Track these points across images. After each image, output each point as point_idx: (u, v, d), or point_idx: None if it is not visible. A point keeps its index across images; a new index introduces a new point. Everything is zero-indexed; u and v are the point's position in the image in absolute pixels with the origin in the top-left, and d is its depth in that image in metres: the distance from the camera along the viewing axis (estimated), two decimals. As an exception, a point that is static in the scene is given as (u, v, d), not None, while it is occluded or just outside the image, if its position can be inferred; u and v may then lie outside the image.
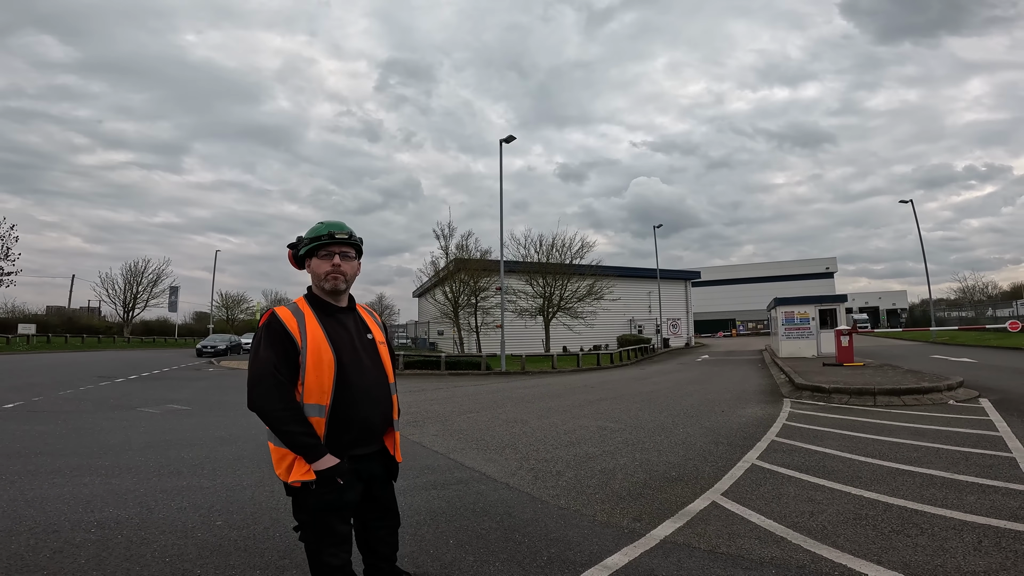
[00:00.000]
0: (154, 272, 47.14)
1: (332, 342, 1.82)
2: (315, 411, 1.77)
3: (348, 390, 1.81)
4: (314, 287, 1.95)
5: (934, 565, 2.61)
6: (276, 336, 1.76)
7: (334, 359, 1.79)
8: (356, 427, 1.84)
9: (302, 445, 1.72)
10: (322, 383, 1.77)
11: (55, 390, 10.97)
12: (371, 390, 1.88)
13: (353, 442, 1.84)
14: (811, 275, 66.59)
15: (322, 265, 1.90)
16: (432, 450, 5.71)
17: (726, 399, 9.42)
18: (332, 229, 1.92)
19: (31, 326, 36.17)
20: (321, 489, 1.74)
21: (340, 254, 1.92)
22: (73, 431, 6.73)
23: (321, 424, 1.77)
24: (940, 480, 4.06)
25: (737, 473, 4.49)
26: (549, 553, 2.92)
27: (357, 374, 1.84)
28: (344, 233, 1.93)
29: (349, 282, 1.96)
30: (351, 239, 1.96)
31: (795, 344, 19.13)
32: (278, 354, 1.74)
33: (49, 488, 4.20)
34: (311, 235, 1.93)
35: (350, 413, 1.81)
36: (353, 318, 1.98)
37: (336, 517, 1.82)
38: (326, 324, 1.85)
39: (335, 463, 1.75)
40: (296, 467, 1.75)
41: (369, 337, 1.97)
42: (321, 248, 1.91)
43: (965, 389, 8.77)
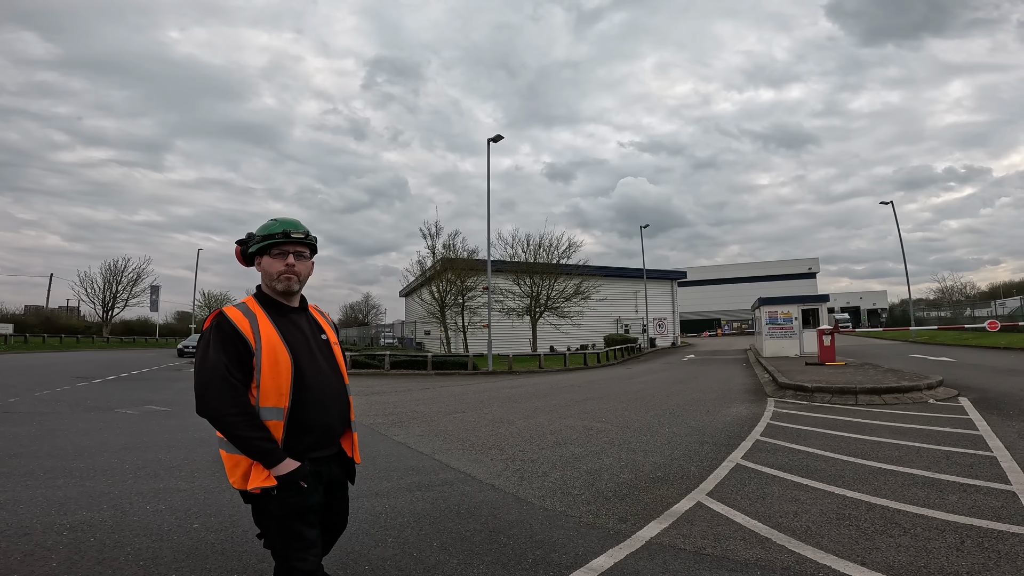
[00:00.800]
0: (134, 271, 46.33)
1: (287, 343, 1.76)
2: (273, 414, 1.70)
3: (306, 392, 1.75)
4: (264, 287, 1.87)
5: (917, 566, 2.63)
6: (227, 337, 1.69)
7: (291, 361, 1.73)
8: (315, 430, 1.78)
9: (259, 450, 1.64)
10: (279, 386, 1.70)
11: (31, 391, 10.68)
12: (328, 392, 1.83)
13: (313, 445, 1.79)
14: (794, 275, 67.62)
15: (275, 264, 1.83)
16: (417, 451, 5.65)
17: (711, 398, 9.48)
18: (287, 227, 1.84)
19: (8, 326, 35.24)
20: (284, 494, 1.68)
21: (294, 253, 1.84)
22: (48, 433, 6.54)
23: (279, 428, 1.70)
24: (922, 479, 4.10)
25: (722, 473, 4.50)
26: (534, 555, 2.89)
27: (314, 376, 1.79)
28: (300, 232, 1.86)
29: (302, 282, 1.90)
30: (307, 238, 1.88)
31: (779, 343, 19.37)
32: (229, 356, 1.67)
33: (22, 490, 4.09)
34: (264, 232, 1.85)
35: (309, 416, 1.76)
36: (306, 318, 1.92)
37: (303, 522, 1.76)
38: (280, 325, 1.79)
39: (296, 466, 1.69)
40: (254, 473, 1.68)
41: (323, 338, 1.92)
42: (274, 247, 1.83)
43: (945, 388, 8.93)
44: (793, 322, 19.45)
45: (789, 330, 19.41)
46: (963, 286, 49.88)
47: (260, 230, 1.88)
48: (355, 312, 73.53)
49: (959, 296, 47.52)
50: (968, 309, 37.61)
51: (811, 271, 69.94)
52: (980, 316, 32.83)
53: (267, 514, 1.74)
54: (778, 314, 19.76)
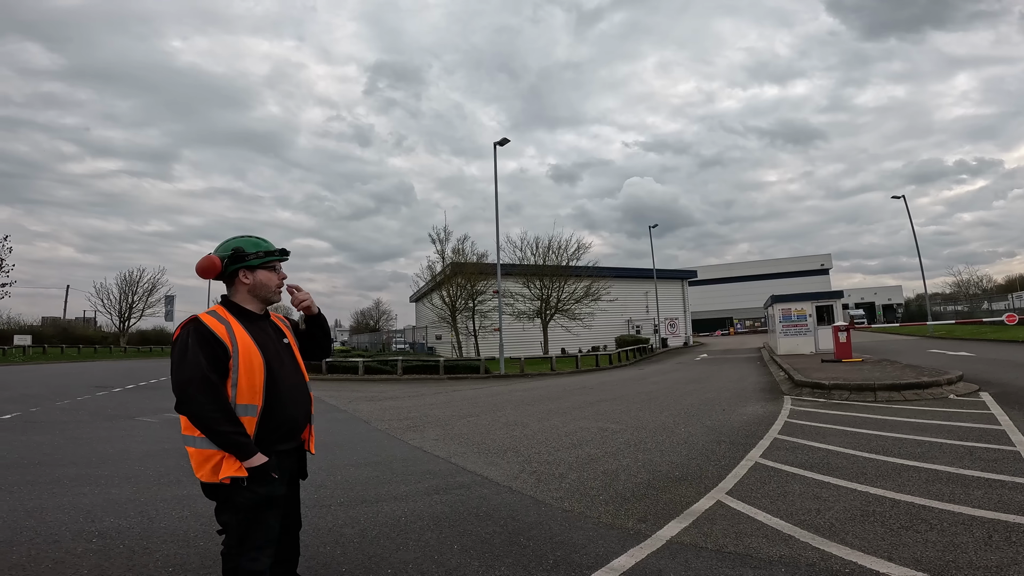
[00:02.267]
0: (149, 281, 47.05)
1: (259, 346, 1.94)
2: (248, 411, 1.86)
3: (277, 391, 1.93)
4: (247, 297, 2.06)
5: (945, 560, 2.59)
6: (204, 340, 1.84)
7: (263, 362, 1.92)
8: (283, 425, 1.96)
9: (235, 444, 1.79)
10: (254, 385, 1.88)
11: (52, 401, 10.88)
12: (295, 390, 2.03)
13: (280, 439, 1.95)
14: (806, 272, 66.90)
15: (272, 278, 2.08)
16: (433, 455, 5.67)
17: (726, 398, 9.41)
18: (273, 246, 2.12)
19: (26, 337, 35.91)
20: (253, 484, 1.82)
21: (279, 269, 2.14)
22: (71, 441, 6.66)
23: (252, 423, 1.86)
24: (946, 475, 4.04)
25: (741, 472, 4.47)
26: (554, 556, 2.89)
27: (283, 376, 1.98)
28: (280, 249, 2.14)
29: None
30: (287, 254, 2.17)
31: (793, 341, 19.16)
32: (207, 357, 1.82)
33: (48, 498, 4.16)
34: (264, 249, 2.07)
35: (279, 412, 1.93)
36: (270, 324, 2.11)
37: (270, 513, 1.90)
38: (251, 330, 1.97)
39: (265, 460, 1.84)
40: (225, 465, 1.81)
41: (285, 341, 2.11)
42: (274, 262, 2.10)
43: (965, 383, 8.78)
44: (807, 319, 19.25)
45: (803, 327, 19.21)
46: (979, 279, 49.09)
47: (254, 247, 2.06)
48: (366, 318, 74.00)
49: (975, 289, 46.71)
50: (985, 302, 36.96)
51: (823, 267, 69.15)
52: (998, 309, 32.23)
53: (234, 506, 1.85)
54: (792, 311, 19.56)
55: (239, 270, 2.03)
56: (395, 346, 41.76)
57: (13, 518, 3.67)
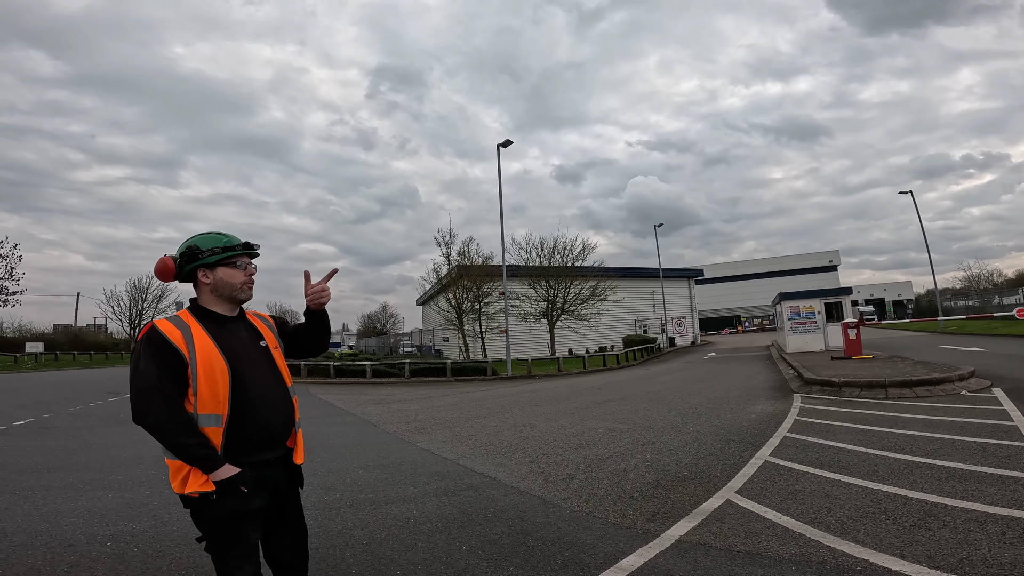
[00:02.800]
0: (159, 288, 47.40)
1: (224, 351, 1.78)
2: (211, 421, 1.73)
3: (246, 398, 1.78)
4: (212, 298, 1.90)
5: (959, 558, 2.57)
6: (157, 348, 1.71)
7: (227, 368, 1.76)
8: (257, 435, 1.80)
9: (196, 456, 1.67)
10: (216, 393, 1.74)
11: (65, 406, 11.01)
12: (269, 396, 1.86)
13: (254, 449, 1.80)
14: (814, 269, 66.32)
15: (236, 275, 1.90)
16: (441, 456, 5.69)
17: (735, 396, 9.35)
18: (235, 241, 1.93)
19: (38, 344, 36.32)
20: (223, 499, 1.70)
21: (249, 265, 1.95)
22: (84, 446, 6.74)
23: (218, 434, 1.73)
24: (958, 472, 4.00)
25: (750, 470, 4.44)
26: (563, 556, 2.89)
27: (254, 382, 1.82)
28: (243, 242, 1.95)
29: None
30: (255, 249, 1.98)
31: (802, 339, 19.01)
32: (160, 366, 1.69)
33: (63, 503, 4.21)
34: (222, 244, 1.91)
35: (249, 421, 1.78)
36: (244, 326, 1.95)
37: (244, 526, 1.77)
38: (216, 334, 1.82)
39: (235, 472, 1.71)
40: (192, 478, 1.70)
41: (263, 344, 1.94)
42: (235, 258, 1.91)
43: (977, 379, 8.68)
44: (816, 316, 19.09)
45: (812, 325, 19.05)
46: (989, 274, 48.30)
47: (210, 243, 1.90)
48: (373, 322, 74.22)
49: (986, 284, 46.05)
50: (996, 297, 36.44)
51: (832, 264, 68.54)
52: (1009, 304, 31.77)
53: (206, 519, 1.76)
54: (800, 309, 19.41)
55: (197, 270, 1.88)
56: (402, 349, 41.87)
57: (29, 522, 3.73)
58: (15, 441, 7.21)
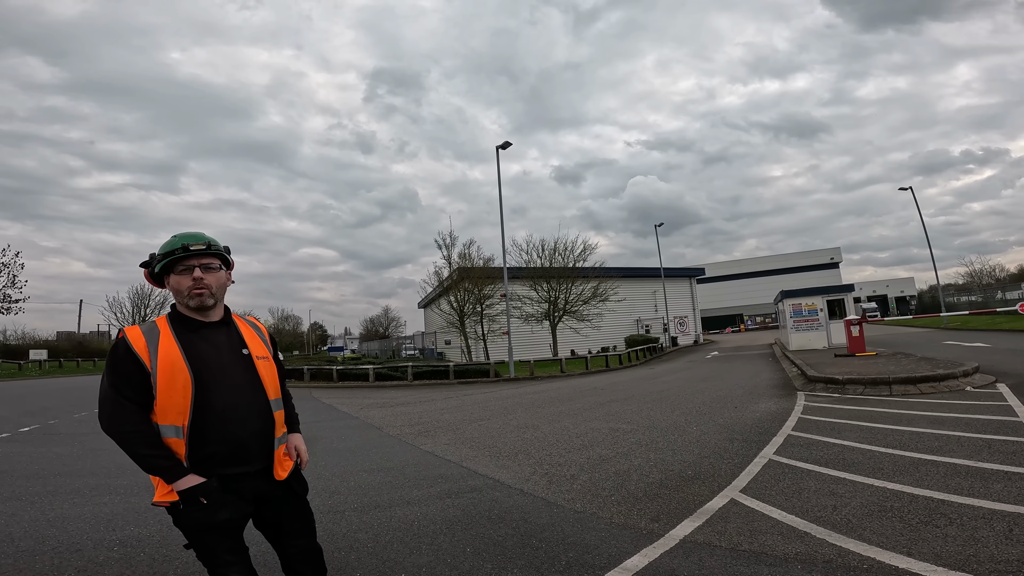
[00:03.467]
0: (161, 295, 47.50)
1: (190, 360, 1.71)
2: (172, 432, 1.68)
3: (209, 409, 1.70)
4: (179, 305, 1.83)
5: (966, 555, 2.55)
6: (119, 359, 1.69)
7: (191, 378, 1.69)
8: (223, 446, 1.73)
9: (156, 467, 1.65)
10: (177, 403, 1.67)
11: (70, 413, 11.04)
12: (238, 408, 1.76)
13: (223, 462, 1.73)
14: (816, 266, 66.17)
15: (182, 281, 1.78)
16: (445, 459, 5.68)
17: (738, 395, 9.33)
18: (186, 240, 1.80)
19: (42, 352, 36.44)
20: (188, 508, 1.67)
21: (201, 266, 1.79)
22: (90, 452, 6.75)
23: (180, 445, 1.68)
24: (964, 469, 3.98)
25: (755, 469, 4.43)
26: (567, 557, 2.88)
27: (221, 392, 1.73)
28: (201, 243, 1.81)
29: (217, 295, 1.84)
30: (210, 249, 1.83)
31: (805, 336, 18.95)
32: (121, 377, 1.67)
33: (70, 508, 4.22)
34: (164, 250, 1.80)
35: (214, 432, 1.71)
36: (226, 332, 1.85)
37: (214, 537, 1.73)
38: (186, 341, 1.74)
39: (198, 482, 1.67)
40: (159, 488, 1.70)
41: (244, 352, 1.84)
42: (178, 263, 1.78)
43: (981, 375, 8.64)
44: (819, 314, 19.04)
45: (815, 322, 19.00)
46: (992, 269, 48.19)
47: (161, 248, 1.83)
48: (375, 325, 74.35)
49: (989, 279, 45.90)
50: (999, 292, 36.36)
51: (833, 261, 68.34)
52: (1012, 299, 31.71)
53: (180, 528, 1.75)
54: (802, 306, 19.37)
55: (164, 276, 1.81)
56: (405, 352, 41.91)
57: (36, 528, 3.74)
58: (21, 447, 7.23)
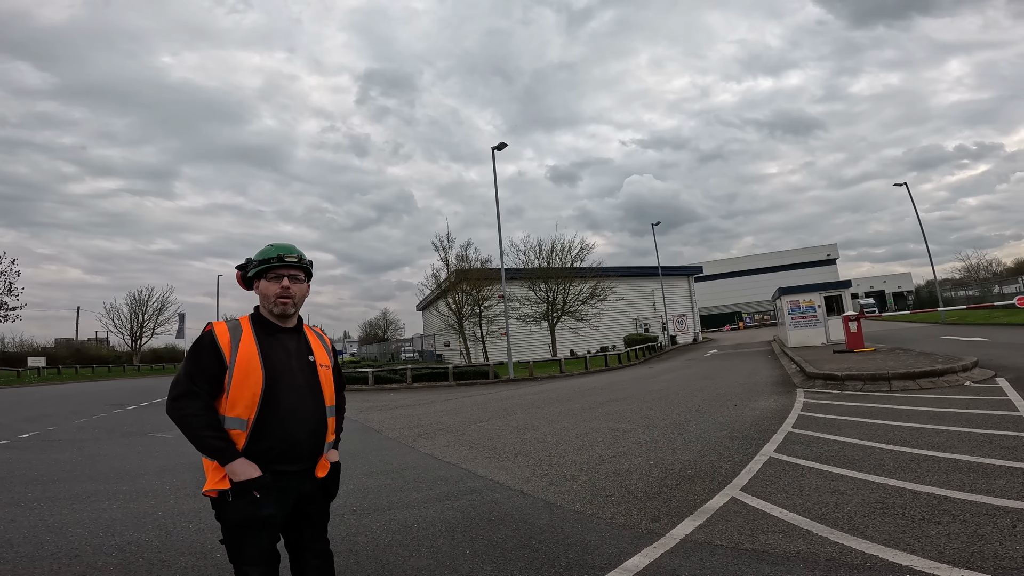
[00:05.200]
0: (158, 300, 47.37)
1: (265, 359, 1.83)
2: (237, 424, 1.79)
3: (275, 407, 1.81)
4: (262, 308, 1.97)
5: (970, 552, 2.54)
6: (203, 348, 1.82)
7: (263, 376, 1.81)
8: (279, 445, 1.82)
9: (213, 448, 1.74)
10: (247, 398, 1.79)
11: (69, 419, 10.98)
12: (299, 410, 1.86)
13: (278, 458, 1.82)
14: (813, 263, 66.27)
15: (271, 287, 1.92)
16: (444, 461, 5.66)
17: (738, 393, 9.32)
18: (282, 252, 1.95)
19: (40, 359, 36.32)
20: (238, 501, 1.75)
21: (289, 276, 1.93)
22: (88, 458, 6.72)
23: (242, 437, 1.79)
24: (966, 464, 3.97)
25: (755, 467, 4.41)
26: (567, 559, 2.86)
27: (287, 393, 1.84)
28: (294, 256, 1.95)
29: (298, 304, 1.98)
30: (300, 262, 1.97)
31: (803, 333, 18.96)
32: (199, 366, 1.80)
33: (69, 514, 4.20)
34: (260, 257, 1.96)
35: (274, 430, 1.81)
36: (297, 339, 1.98)
37: (256, 531, 1.79)
38: (264, 343, 1.87)
39: (254, 473, 1.75)
40: (211, 477, 1.79)
41: (310, 359, 1.96)
42: (270, 271, 1.93)
43: (980, 369, 8.65)
44: (816, 310, 19.06)
45: (813, 319, 19.02)
46: (988, 263, 48.22)
47: (257, 255, 1.98)
48: (374, 329, 74.18)
49: (985, 273, 45.97)
50: (996, 286, 36.40)
51: (830, 257, 68.48)
52: (1009, 293, 31.73)
53: (222, 519, 1.82)
54: (800, 303, 19.38)
55: (254, 280, 1.97)
56: (404, 355, 41.84)
57: (35, 534, 3.72)
58: (20, 454, 7.19)
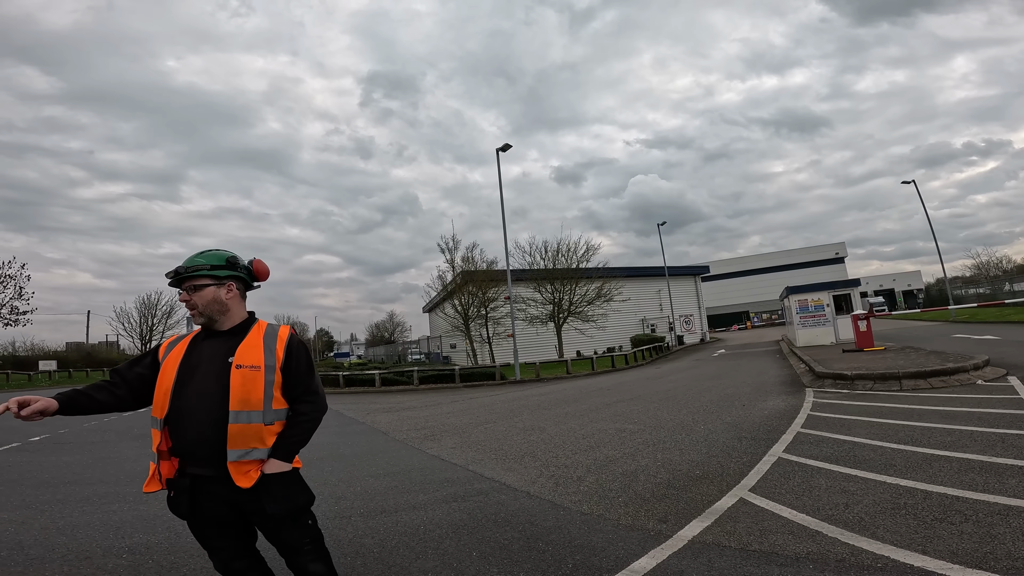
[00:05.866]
0: (167, 304, 47.82)
1: (184, 362, 1.92)
2: (155, 423, 1.90)
3: (177, 409, 1.87)
4: None
5: (983, 552, 2.50)
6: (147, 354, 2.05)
7: (173, 381, 1.89)
8: (180, 445, 1.88)
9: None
10: (159, 399, 1.90)
11: (79, 422, 11.07)
12: (196, 412, 1.86)
13: (185, 459, 1.90)
14: (821, 261, 65.77)
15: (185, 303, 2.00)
16: (451, 463, 5.65)
17: (746, 393, 9.25)
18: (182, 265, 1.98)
19: (51, 363, 36.72)
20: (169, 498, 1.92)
21: (187, 288, 1.96)
22: (99, 460, 6.77)
23: (158, 435, 1.89)
24: (978, 464, 3.91)
25: (764, 468, 4.37)
26: (574, 560, 2.85)
27: (188, 397, 1.87)
28: (172, 271, 1.98)
29: (205, 311, 1.97)
30: (178, 275, 1.96)
31: (812, 332, 18.81)
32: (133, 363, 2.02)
33: (79, 515, 4.23)
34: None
35: (176, 430, 1.87)
36: (225, 341, 1.97)
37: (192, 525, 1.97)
38: (194, 347, 1.97)
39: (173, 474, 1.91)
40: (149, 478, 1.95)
41: (228, 360, 1.90)
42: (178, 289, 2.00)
43: (992, 368, 8.54)
44: (825, 309, 18.90)
45: (822, 318, 18.86)
46: (999, 260, 47.64)
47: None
48: (381, 331, 74.47)
49: (996, 271, 45.40)
50: (1007, 284, 35.91)
51: (838, 256, 67.92)
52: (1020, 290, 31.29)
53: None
54: (808, 302, 19.23)
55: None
56: (411, 357, 41.96)
57: (46, 536, 3.75)
58: (31, 456, 7.26)
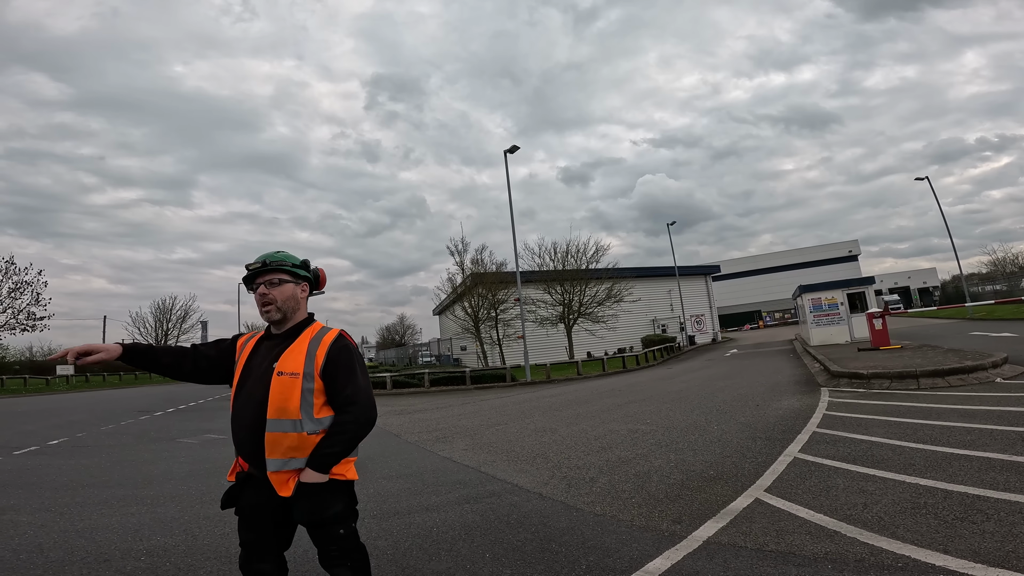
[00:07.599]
0: (182, 308, 48.53)
1: (246, 365, 1.96)
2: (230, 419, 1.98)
3: (234, 412, 1.94)
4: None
5: (1005, 551, 2.45)
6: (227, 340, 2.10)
7: (237, 381, 1.95)
8: (236, 447, 1.94)
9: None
10: (231, 399, 1.97)
11: (97, 426, 11.26)
12: (241, 417, 1.89)
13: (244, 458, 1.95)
14: (834, 259, 64.90)
15: (256, 298, 1.97)
16: (463, 464, 5.66)
17: (760, 392, 9.16)
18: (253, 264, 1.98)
19: (69, 367, 37.31)
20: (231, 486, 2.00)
21: (265, 283, 1.93)
22: (117, 464, 6.86)
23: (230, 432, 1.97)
24: (999, 463, 3.83)
25: (779, 468, 4.33)
26: (588, 561, 2.84)
27: (241, 400, 1.91)
28: (257, 263, 1.95)
29: (282, 308, 1.94)
30: (265, 266, 1.94)
31: (826, 331, 18.57)
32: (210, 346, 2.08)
33: (98, 519, 4.28)
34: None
35: (233, 433, 1.94)
36: (278, 343, 1.94)
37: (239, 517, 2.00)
38: (257, 349, 1.99)
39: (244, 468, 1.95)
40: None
41: (273, 366, 1.86)
42: (249, 285, 1.99)
43: (1011, 365, 8.37)
44: (839, 308, 18.65)
45: (836, 316, 18.62)
46: (1015, 256, 46.58)
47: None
48: (391, 334, 74.74)
49: (1012, 267, 44.45)
50: (1025, 280, 35.17)
51: (852, 254, 66.96)
52: (1042, 286, 30.61)
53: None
54: (822, 301, 18.99)
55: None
56: (421, 359, 42.10)
57: (66, 539, 3.79)
58: (50, 460, 7.38)
